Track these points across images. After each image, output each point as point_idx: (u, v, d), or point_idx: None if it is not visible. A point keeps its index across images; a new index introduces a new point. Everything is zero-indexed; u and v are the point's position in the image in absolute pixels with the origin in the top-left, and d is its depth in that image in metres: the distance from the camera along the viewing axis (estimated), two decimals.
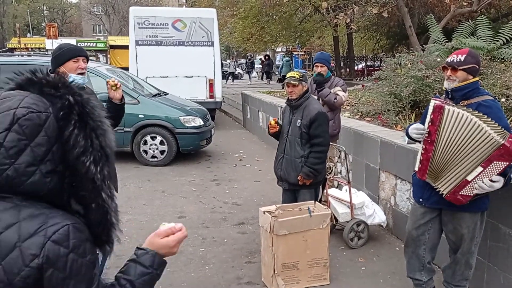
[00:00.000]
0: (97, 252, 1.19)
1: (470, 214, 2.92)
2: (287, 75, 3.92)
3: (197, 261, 4.01)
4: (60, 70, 2.90)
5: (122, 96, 3.26)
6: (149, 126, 7.43)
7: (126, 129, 7.31)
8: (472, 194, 2.74)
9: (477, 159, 2.69)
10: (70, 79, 2.74)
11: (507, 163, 2.62)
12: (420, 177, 2.96)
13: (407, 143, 4.23)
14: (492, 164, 2.65)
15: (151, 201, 5.68)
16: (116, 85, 3.18)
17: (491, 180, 2.66)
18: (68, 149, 1.10)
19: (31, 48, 29.98)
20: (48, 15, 54.00)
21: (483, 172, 2.68)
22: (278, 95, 11.36)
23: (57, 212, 1.10)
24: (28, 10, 47.26)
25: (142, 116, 7.37)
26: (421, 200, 3.07)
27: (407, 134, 3.11)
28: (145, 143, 7.43)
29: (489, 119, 2.68)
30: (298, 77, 3.83)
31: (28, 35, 39.05)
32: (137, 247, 1.31)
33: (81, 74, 2.95)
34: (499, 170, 2.64)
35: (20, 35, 33.83)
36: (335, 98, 4.80)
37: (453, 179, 2.79)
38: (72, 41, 31.59)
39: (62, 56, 2.95)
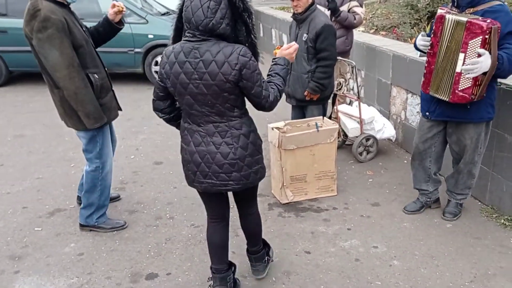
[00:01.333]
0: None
1: (474, 125, 2.91)
2: None
3: None
4: None
5: (121, 21, 3.21)
6: (159, 46, 7.32)
7: (136, 50, 7.25)
8: (470, 85, 2.70)
9: (458, 49, 2.67)
10: None
11: (480, 37, 2.57)
12: (424, 90, 2.94)
13: (420, 56, 4.15)
14: (469, 45, 2.62)
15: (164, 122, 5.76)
16: (121, 11, 3.12)
17: (477, 56, 2.62)
18: (235, 11, 2.09)
19: None
20: None
21: (466, 57, 2.65)
22: (292, 10, 10.94)
23: (236, 44, 2.10)
24: None
25: (152, 36, 7.25)
26: (427, 113, 3.06)
27: (415, 47, 3.03)
28: (156, 64, 7.38)
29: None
30: None
31: None
32: (273, 59, 2.35)
33: None
34: (478, 47, 2.60)
35: None
36: (355, 19, 4.63)
37: (448, 80, 2.77)
38: None
39: None
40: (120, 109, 3.29)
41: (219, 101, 2.12)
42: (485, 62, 2.59)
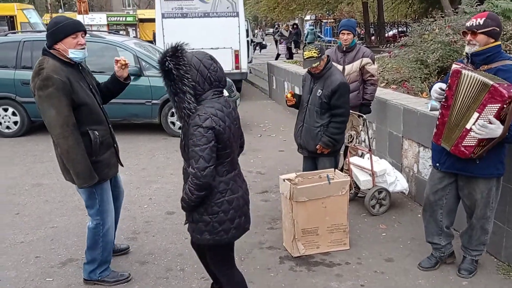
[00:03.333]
0: None
1: (484, 180, 2.91)
2: (305, 55, 3.80)
3: None
4: (58, 47, 2.85)
5: (128, 75, 3.27)
6: None
7: (154, 101, 7.48)
8: (474, 144, 2.73)
9: (474, 107, 2.71)
10: (70, 56, 2.87)
11: (499, 105, 2.60)
12: (436, 141, 2.97)
13: (430, 110, 4.21)
14: (486, 108, 2.66)
15: (178, 171, 5.75)
16: (126, 64, 3.20)
17: (488, 123, 2.65)
18: None
19: None
20: None
21: (480, 118, 2.68)
22: None
23: None
24: None
25: None
26: (437, 164, 3.08)
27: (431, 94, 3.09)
28: (172, 114, 7.57)
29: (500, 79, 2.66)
30: (316, 55, 3.71)
31: (60, 10, 39.58)
32: None
33: (82, 49, 2.91)
34: (494, 113, 2.63)
35: (52, 11, 34.37)
36: (374, 84, 4.86)
37: (456, 133, 2.81)
38: (103, 16, 32.03)
39: (60, 32, 2.84)
40: (121, 165, 3.33)
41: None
42: (494, 130, 2.65)
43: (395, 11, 27.60)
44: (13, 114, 7.60)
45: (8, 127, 7.69)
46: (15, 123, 7.66)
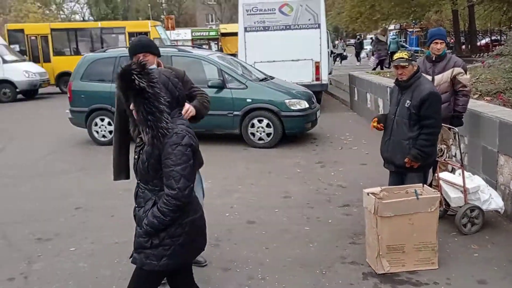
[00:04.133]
0: None
1: None
2: (395, 57, 3.78)
3: (302, 239, 4.14)
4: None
5: (197, 115, 3.31)
6: (256, 110, 7.70)
7: (235, 113, 7.69)
8: None
9: None
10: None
11: None
12: None
13: None
14: None
15: (258, 181, 5.94)
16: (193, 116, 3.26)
17: None
18: None
19: None
20: (166, 8, 57.91)
21: None
22: (388, 75, 10.94)
23: None
24: (149, 4, 51.13)
25: (250, 100, 7.67)
26: None
27: None
28: (253, 126, 7.73)
29: None
30: (407, 57, 3.68)
31: None
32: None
33: None
34: None
35: None
36: (466, 95, 4.63)
37: None
38: (187, 31, 33.65)
39: (129, 52, 3.30)
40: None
41: None
42: None
43: (487, 18, 25.87)
44: (109, 124, 8.21)
45: (104, 136, 8.32)
46: (110, 132, 8.27)
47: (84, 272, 3.67)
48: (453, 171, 4.75)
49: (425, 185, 3.74)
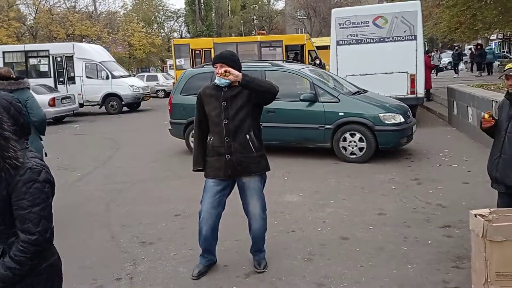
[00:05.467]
0: None
1: None
2: (507, 67, 3.52)
3: (399, 259, 3.97)
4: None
5: (250, 84, 3.49)
6: (348, 124, 7.58)
7: (327, 126, 7.63)
8: None
9: None
10: (215, 80, 3.66)
11: None
12: None
13: None
14: None
15: (351, 196, 5.82)
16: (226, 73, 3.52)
17: None
18: None
19: None
20: (257, 24, 59.48)
21: None
22: (492, 88, 10.17)
23: None
24: (241, 21, 52.98)
25: (342, 114, 7.57)
26: None
27: None
28: (345, 140, 7.61)
29: None
30: None
31: None
32: None
33: (219, 76, 3.50)
34: None
35: None
36: None
37: None
38: None
39: (212, 63, 3.68)
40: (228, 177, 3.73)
41: None
42: None
43: None
44: None
45: None
46: None
47: (183, 276, 3.85)
48: None
49: None
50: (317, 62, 18.88)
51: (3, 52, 18.33)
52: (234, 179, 3.75)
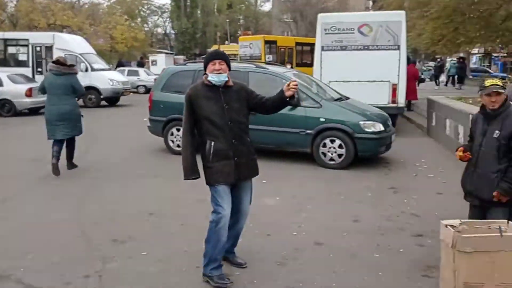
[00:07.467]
0: None
1: None
2: (488, 83, 3.53)
3: (371, 266, 3.99)
4: (206, 72, 3.55)
5: (293, 97, 3.52)
6: (329, 130, 7.60)
7: (308, 131, 7.64)
8: None
9: None
10: (208, 78, 3.50)
11: None
12: None
13: None
14: None
15: (327, 202, 5.85)
16: (294, 87, 3.48)
17: None
18: None
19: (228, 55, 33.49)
20: (243, 24, 59.46)
21: None
22: (470, 101, 10.37)
23: None
24: (227, 20, 52.83)
25: (324, 119, 7.59)
26: None
27: None
28: (324, 145, 7.63)
29: None
30: (501, 84, 3.50)
31: (226, 42, 43.54)
32: None
33: (218, 73, 3.47)
34: None
35: (220, 43, 37.88)
36: None
37: None
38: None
39: (205, 60, 3.59)
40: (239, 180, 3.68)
41: None
42: None
43: None
44: None
45: (179, 146, 8.63)
46: None
47: (154, 277, 3.80)
48: None
49: (510, 221, 3.47)
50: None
51: None
52: None
